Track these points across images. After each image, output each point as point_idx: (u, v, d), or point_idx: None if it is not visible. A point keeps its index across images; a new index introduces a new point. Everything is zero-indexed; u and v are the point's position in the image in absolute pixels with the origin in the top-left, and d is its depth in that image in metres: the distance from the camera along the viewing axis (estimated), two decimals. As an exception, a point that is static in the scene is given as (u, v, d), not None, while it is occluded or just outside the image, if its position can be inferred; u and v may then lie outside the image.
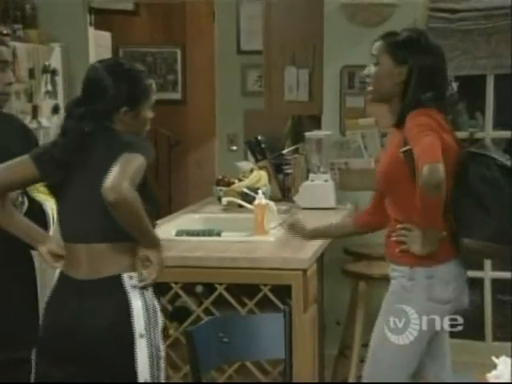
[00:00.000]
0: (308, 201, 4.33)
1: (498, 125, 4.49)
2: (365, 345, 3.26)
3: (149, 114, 2.53)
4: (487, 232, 2.60)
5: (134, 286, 2.38)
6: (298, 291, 3.19)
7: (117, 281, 2.38)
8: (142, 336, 2.35)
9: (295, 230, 3.14)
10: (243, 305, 3.25)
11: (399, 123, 2.70)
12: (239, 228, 3.72)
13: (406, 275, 2.69)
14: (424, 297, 2.67)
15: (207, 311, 3.25)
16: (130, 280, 2.39)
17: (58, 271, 2.49)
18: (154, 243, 2.40)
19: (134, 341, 2.35)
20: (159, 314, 2.45)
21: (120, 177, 2.24)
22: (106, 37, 6.33)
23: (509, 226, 2.61)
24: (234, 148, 5.78)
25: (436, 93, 2.69)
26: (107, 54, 6.38)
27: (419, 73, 2.69)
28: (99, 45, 5.99)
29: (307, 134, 4.47)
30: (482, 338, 4.58)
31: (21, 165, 2.47)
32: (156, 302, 2.45)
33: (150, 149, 2.41)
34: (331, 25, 4.55)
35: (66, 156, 2.42)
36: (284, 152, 5.01)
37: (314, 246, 3.40)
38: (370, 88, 2.81)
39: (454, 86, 4.65)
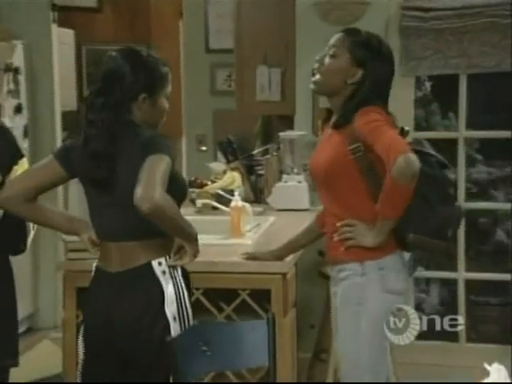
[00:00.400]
0: (281, 202, 4.27)
1: (471, 125, 4.47)
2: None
3: (165, 102, 2.56)
4: (431, 228, 2.62)
5: (164, 272, 2.47)
6: (278, 295, 3.14)
7: (147, 268, 2.47)
8: (175, 319, 2.45)
9: (261, 258, 3.11)
10: (220, 310, 3.18)
11: (341, 123, 2.66)
12: (214, 231, 3.63)
13: (358, 271, 2.66)
14: (379, 289, 2.65)
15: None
16: (159, 266, 2.48)
17: (94, 265, 2.59)
18: (190, 237, 2.49)
19: (168, 324, 2.44)
20: (187, 299, 2.53)
21: (151, 185, 2.28)
22: (69, 34, 6.22)
23: (449, 222, 2.66)
24: (204, 148, 5.69)
25: (383, 95, 2.69)
26: (70, 52, 6.28)
27: (374, 79, 2.66)
28: (62, 42, 5.88)
29: (281, 134, 4.40)
30: (455, 339, 4.54)
31: (46, 166, 2.53)
32: (184, 288, 2.52)
33: (169, 145, 2.45)
34: (304, 23, 4.48)
35: (102, 147, 2.44)
36: (254, 153, 4.94)
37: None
38: (317, 77, 2.73)
39: (427, 85, 4.65)
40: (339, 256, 2.72)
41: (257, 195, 4.54)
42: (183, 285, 2.54)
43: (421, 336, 4.00)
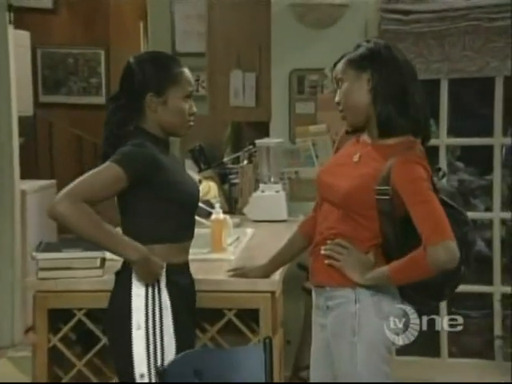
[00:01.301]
0: (259, 213, 4.08)
1: (453, 131, 4.35)
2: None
3: (180, 103, 2.49)
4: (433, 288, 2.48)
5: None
6: (267, 315, 2.94)
7: (127, 271, 2.49)
8: (139, 328, 2.47)
9: (249, 275, 2.92)
10: (203, 330, 2.98)
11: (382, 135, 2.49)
12: (192, 244, 3.40)
13: (350, 299, 2.48)
14: (375, 317, 2.47)
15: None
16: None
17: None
18: (117, 253, 2.45)
19: (129, 330, 2.48)
20: (166, 311, 2.50)
21: (63, 191, 2.34)
22: (25, 36, 5.94)
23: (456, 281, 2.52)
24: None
25: (406, 108, 2.46)
26: (27, 55, 5.99)
27: (385, 79, 2.46)
28: (18, 45, 5.59)
29: (257, 141, 4.21)
30: (437, 354, 4.41)
31: (108, 171, 2.43)
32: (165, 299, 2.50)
33: (135, 157, 2.42)
34: (279, 25, 4.34)
35: (103, 149, 2.53)
36: (225, 160, 4.74)
37: (280, 265, 3.14)
38: (342, 114, 2.56)
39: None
40: (329, 280, 2.53)
41: (231, 205, 4.34)
42: (163, 296, 2.49)
43: (401, 351, 3.92)
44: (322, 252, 2.52)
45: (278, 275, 2.99)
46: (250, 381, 2.46)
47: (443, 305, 4.36)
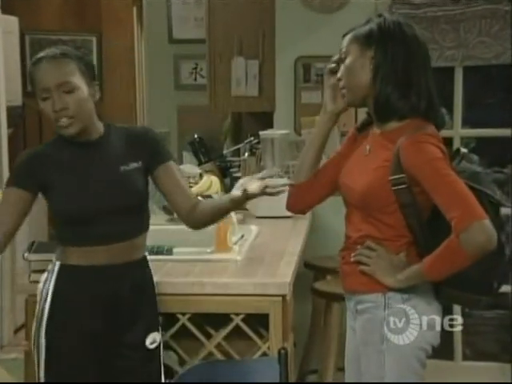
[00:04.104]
0: (263, 209, 3.84)
1: (467, 122, 4.16)
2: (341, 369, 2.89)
3: (41, 104, 2.29)
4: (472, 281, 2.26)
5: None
6: (277, 321, 2.73)
7: None
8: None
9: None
10: (209, 337, 2.78)
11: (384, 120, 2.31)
12: (193, 242, 3.19)
13: (379, 304, 2.29)
14: (405, 323, 2.28)
15: (166, 345, 2.72)
16: None
17: None
18: None
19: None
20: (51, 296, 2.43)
21: None
22: (13, 22, 5.68)
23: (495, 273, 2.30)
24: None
25: (410, 85, 2.27)
26: (15, 41, 5.73)
27: (390, 57, 2.27)
28: (6, 31, 5.34)
29: (261, 133, 4.00)
30: (450, 357, 4.23)
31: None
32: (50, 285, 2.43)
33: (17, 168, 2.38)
34: (284, 10, 4.17)
35: None
36: (224, 153, 4.52)
37: (291, 266, 2.94)
38: (343, 91, 2.37)
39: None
40: (359, 286, 2.34)
41: (233, 201, 4.10)
42: (52, 281, 2.41)
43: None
44: (352, 259, 2.32)
45: (289, 277, 2.80)
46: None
47: (456, 306, 4.16)
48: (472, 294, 2.28)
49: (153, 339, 2.46)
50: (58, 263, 2.43)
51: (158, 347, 2.49)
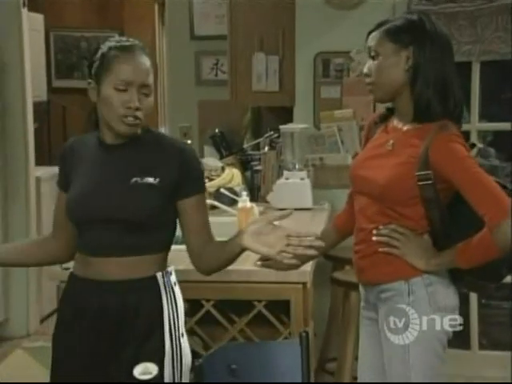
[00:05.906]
0: (283, 201, 3.92)
1: (484, 116, 4.20)
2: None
3: (111, 93, 2.16)
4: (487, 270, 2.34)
5: None
6: (298, 307, 2.83)
7: None
8: None
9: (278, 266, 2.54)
10: (232, 323, 2.88)
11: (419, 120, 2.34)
12: (217, 234, 3.27)
13: (403, 291, 2.34)
14: (429, 309, 2.33)
15: (191, 331, 2.84)
16: None
17: None
18: None
19: None
20: None
21: None
22: (38, 19, 5.79)
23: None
24: (189, 142, 5.30)
25: (446, 93, 2.32)
26: (40, 39, 5.85)
27: (427, 59, 2.30)
28: (32, 28, 5.45)
29: (281, 127, 4.07)
30: (467, 347, 4.27)
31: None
32: None
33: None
34: (304, 6, 4.19)
35: None
36: (245, 147, 4.61)
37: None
38: (370, 87, 2.40)
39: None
40: (381, 276, 2.38)
41: (253, 193, 4.20)
42: None
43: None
44: (375, 238, 2.36)
45: (309, 266, 2.88)
46: (286, 376, 2.36)
47: (473, 296, 4.23)
48: (483, 280, 2.37)
49: (144, 369, 2.11)
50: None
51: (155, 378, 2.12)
